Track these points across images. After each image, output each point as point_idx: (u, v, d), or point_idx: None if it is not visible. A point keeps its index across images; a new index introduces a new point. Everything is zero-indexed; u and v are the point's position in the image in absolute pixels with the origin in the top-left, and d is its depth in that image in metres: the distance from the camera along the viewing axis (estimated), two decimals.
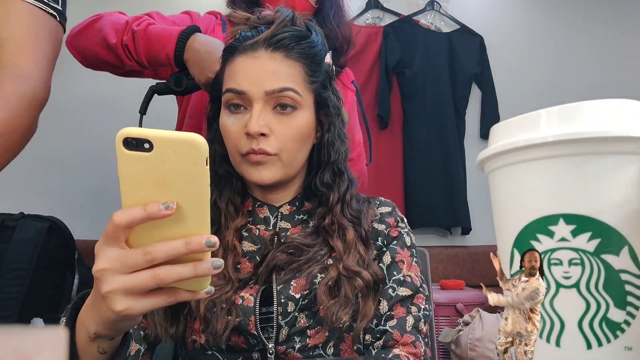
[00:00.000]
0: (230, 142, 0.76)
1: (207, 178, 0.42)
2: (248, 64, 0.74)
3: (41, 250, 1.55)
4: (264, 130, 0.72)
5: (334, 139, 0.80)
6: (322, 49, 0.80)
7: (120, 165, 0.42)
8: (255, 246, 0.77)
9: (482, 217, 2.33)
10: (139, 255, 0.43)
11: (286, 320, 0.70)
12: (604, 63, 2.57)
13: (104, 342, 0.52)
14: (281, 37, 0.74)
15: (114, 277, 0.44)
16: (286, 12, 0.78)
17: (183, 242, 0.43)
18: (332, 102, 0.80)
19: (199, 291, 0.47)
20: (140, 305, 0.45)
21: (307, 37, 0.77)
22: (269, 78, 0.73)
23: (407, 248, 0.79)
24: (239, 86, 0.73)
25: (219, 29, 1.17)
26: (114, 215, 0.43)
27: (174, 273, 0.44)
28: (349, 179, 0.81)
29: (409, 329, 0.72)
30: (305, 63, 0.76)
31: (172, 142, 0.41)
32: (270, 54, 0.74)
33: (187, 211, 0.43)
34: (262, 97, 0.72)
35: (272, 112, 0.74)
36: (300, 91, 0.74)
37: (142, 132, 0.41)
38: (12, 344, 0.20)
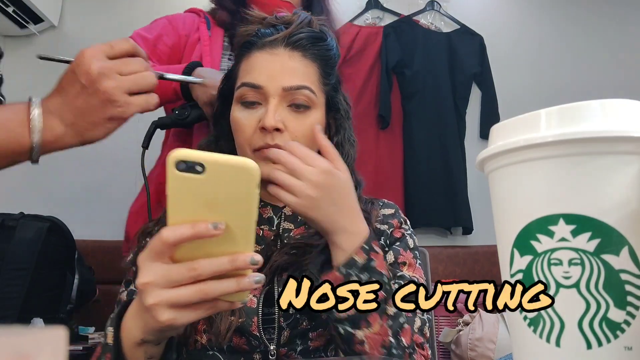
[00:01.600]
0: (242, 136, 0.76)
1: (256, 200, 0.44)
2: (267, 59, 0.75)
3: (41, 251, 1.55)
4: (279, 125, 0.72)
5: (344, 142, 0.82)
6: (336, 53, 0.82)
7: (170, 184, 0.43)
8: (259, 247, 0.77)
9: (482, 217, 2.33)
10: (185, 271, 0.45)
11: (288, 322, 0.70)
12: (604, 63, 2.57)
13: (150, 347, 0.54)
14: (300, 36, 0.76)
15: (159, 291, 0.46)
16: (304, 14, 0.79)
17: (229, 259, 0.45)
18: (343, 106, 0.82)
19: (237, 301, 0.49)
20: (184, 316, 0.47)
21: (324, 39, 0.79)
22: (287, 75, 0.74)
23: (410, 250, 0.79)
24: (256, 80, 0.74)
25: (203, 27, 1.18)
26: (162, 231, 0.44)
27: (219, 289, 0.46)
28: (356, 181, 0.82)
29: (417, 331, 0.71)
30: (321, 65, 0.78)
31: (225, 167, 0.42)
32: (289, 52, 0.75)
33: (233, 230, 0.44)
34: (279, 93, 0.73)
35: (287, 109, 0.75)
36: (315, 91, 0.76)
37: (195, 155, 0.42)
38: (12, 344, 0.20)
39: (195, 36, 1.16)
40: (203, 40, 1.15)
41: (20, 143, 0.58)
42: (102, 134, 0.62)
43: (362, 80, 2.39)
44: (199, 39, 1.16)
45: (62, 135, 0.60)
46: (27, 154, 0.59)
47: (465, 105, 2.48)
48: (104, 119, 0.60)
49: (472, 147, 2.44)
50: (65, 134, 0.60)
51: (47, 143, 0.59)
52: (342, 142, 0.82)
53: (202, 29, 1.17)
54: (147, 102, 0.63)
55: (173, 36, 1.16)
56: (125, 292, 0.76)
